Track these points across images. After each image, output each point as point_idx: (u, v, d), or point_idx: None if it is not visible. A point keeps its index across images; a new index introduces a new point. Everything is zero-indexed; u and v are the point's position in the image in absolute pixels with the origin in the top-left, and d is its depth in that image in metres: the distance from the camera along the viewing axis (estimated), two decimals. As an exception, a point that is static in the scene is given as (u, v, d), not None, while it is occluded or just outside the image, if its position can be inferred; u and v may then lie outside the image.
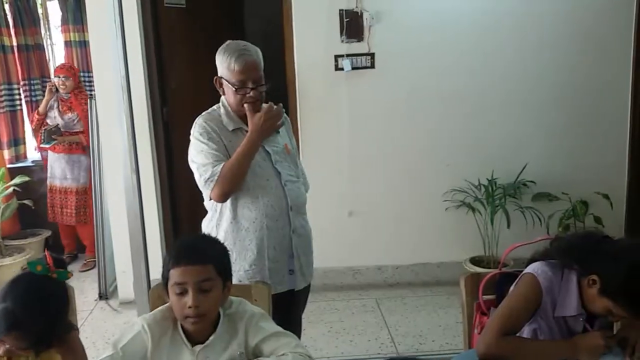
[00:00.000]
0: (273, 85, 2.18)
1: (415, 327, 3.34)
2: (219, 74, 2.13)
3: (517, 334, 1.60)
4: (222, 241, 2.13)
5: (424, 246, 3.87)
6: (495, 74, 3.71)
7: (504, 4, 3.63)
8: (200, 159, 2.09)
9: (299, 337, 2.28)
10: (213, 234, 2.18)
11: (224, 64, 2.09)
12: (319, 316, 3.50)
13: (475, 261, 3.72)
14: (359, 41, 3.63)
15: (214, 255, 1.56)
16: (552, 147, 3.79)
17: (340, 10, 3.59)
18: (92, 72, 3.95)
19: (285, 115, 2.35)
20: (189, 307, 1.46)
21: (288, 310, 2.23)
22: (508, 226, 3.56)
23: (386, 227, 3.84)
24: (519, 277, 1.66)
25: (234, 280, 2.07)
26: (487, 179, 3.70)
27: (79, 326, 1.82)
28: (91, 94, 4.21)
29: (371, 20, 3.59)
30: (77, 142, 4.33)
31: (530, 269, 1.63)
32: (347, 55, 3.63)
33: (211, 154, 2.08)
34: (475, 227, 3.72)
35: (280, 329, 1.58)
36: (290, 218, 2.18)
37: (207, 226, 2.22)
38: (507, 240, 2.97)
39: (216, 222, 2.18)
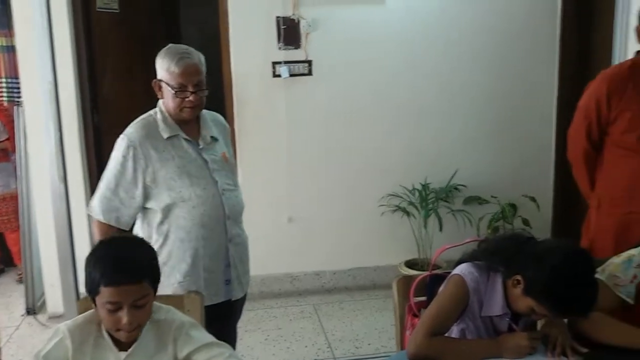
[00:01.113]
0: (210, 92, 2.16)
1: (351, 332, 3.38)
2: (159, 77, 2.08)
3: (446, 334, 1.65)
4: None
5: (361, 251, 3.93)
6: (427, 82, 3.82)
7: (435, 13, 3.74)
8: (111, 182, 2.07)
9: (234, 346, 2.26)
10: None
11: (164, 67, 2.05)
12: (256, 324, 3.49)
13: (410, 264, 3.81)
14: (296, 48, 3.66)
15: (147, 268, 1.49)
16: (482, 152, 3.93)
17: (277, 17, 3.61)
18: (19, 78, 3.80)
19: (224, 122, 2.34)
20: (124, 323, 1.42)
21: (224, 320, 2.21)
22: (440, 229, 3.67)
23: (325, 232, 3.88)
24: (447, 278, 1.71)
25: (168, 292, 2.05)
26: (421, 184, 3.80)
27: (3, 343, 1.75)
28: (18, 101, 4.04)
29: (308, 27, 3.63)
30: (2, 149, 4.15)
31: (458, 270, 1.69)
32: (285, 62, 3.65)
33: (120, 187, 2.06)
34: (410, 230, 3.82)
35: (213, 338, 1.56)
36: (227, 227, 2.16)
37: (139, 237, 2.18)
38: (440, 243, 3.04)
39: (147, 233, 2.13)
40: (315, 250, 3.89)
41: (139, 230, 2.18)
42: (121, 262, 1.45)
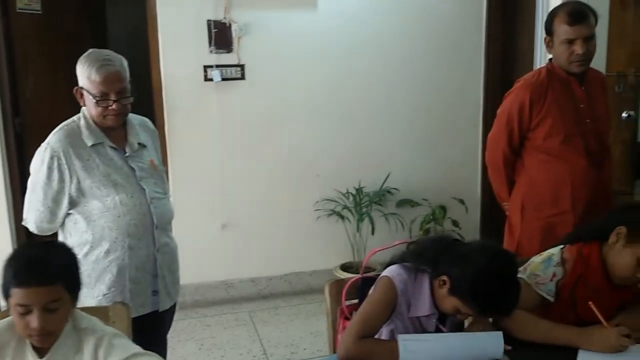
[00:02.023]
0: (139, 96, 2.09)
1: (287, 337, 3.37)
2: (80, 85, 2.01)
3: (376, 335, 1.67)
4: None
5: (296, 256, 3.92)
6: (359, 87, 3.86)
7: (367, 19, 3.79)
8: (40, 194, 2.01)
9: (165, 357, 2.20)
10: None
11: (85, 74, 1.97)
12: (189, 334, 3.42)
13: (345, 267, 3.84)
14: (228, 52, 3.62)
15: (62, 271, 1.43)
16: (413, 156, 4.02)
17: (208, 20, 3.56)
18: None
19: (152, 127, 2.28)
20: (33, 327, 1.36)
21: (153, 331, 2.15)
22: (373, 232, 3.72)
23: (260, 238, 3.84)
24: (377, 280, 1.72)
25: (93, 304, 1.98)
26: (355, 188, 3.84)
27: None
28: None
29: (240, 31, 3.59)
30: None
31: (387, 272, 1.71)
32: (217, 66, 3.60)
33: (48, 199, 2.01)
34: (345, 234, 3.85)
35: (139, 348, 1.51)
36: (155, 237, 2.11)
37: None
38: (374, 246, 3.06)
39: (72, 243, 2.04)
40: (251, 256, 3.85)
41: (63, 241, 2.09)
42: (33, 263, 1.40)
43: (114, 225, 2.02)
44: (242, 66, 3.64)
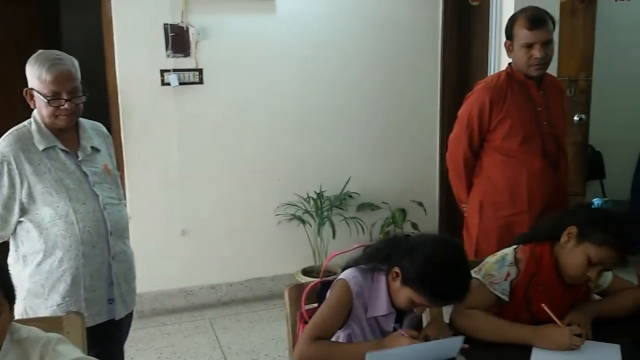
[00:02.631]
0: (94, 101, 2.05)
1: (249, 343, 3.34)
2: (30, 86, 1.96)
3: (334, 340, 1.67)
4: (31, 275, 1.97)
5: (257, 261, 3.90)
6: (319, 92, 3.88)
7: (325, 24, 3.81)
8: None
9: (122, 367, 2.16)
10: (20, 268, 2.00)
11: (35, 74, 1.93)
12: (148, 343, 3.35)
13: (306, 272, 3.83)
14: (185, 56, 3.58)
15: (2, 279, 1.38)
16: (373, 160, 4.05)
17: (165, 24, 3.51)
18: None
19: (106, 132, 2.24)
20: None
21: (109, 340, 2.11)
22: (334, 236, 3.73)
23: (220, 244, 3.80)
24: (333, 283, 1.73)
25: (47, 315, 1.92)
26: (316, 192, 3.84)
27: None
28: None
29: (197, 35, 3.56)
30: None
31: (343, 275, 1.71)
32: (174, 70, 3.55)
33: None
34: (306, 238, 3.84)
35: (82, 354, 1.46)
36: (110, 244, 2.06)
37: (13, 258, 2.03)
38: (335, 250, 3.09)
39: (23, 251, 1.99)
40: (211, 262, 3.80)
41: (13, 250, 2.03)
42: None
43: (67, 233, 1.97)
44: (200, 70, 3.61)
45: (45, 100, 1.93)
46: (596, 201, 1.94)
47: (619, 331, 1.76)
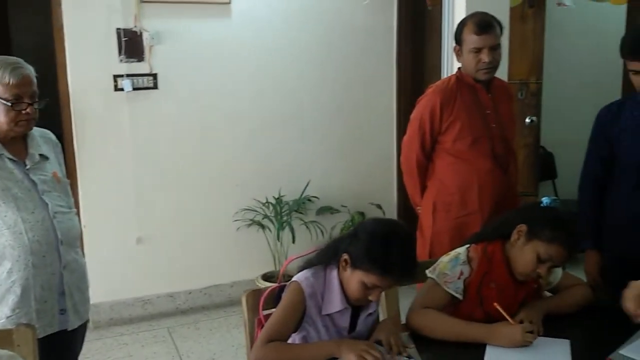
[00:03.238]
0: (44, 107, 2.01)
1: (208, 351, 3.30)
2: None
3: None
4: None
5: (216, 268, 3.85)
6: (276, 96, 3.87)
7: (282, 28, 3.80)
8: None
9: (75, 379, 2.10)
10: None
11: None
12: (105, 354, 3.28)
13: (266, 277, 3.81)
14: (139, 61, 3.52)
15: None
16: (332, 164, 4.06)
17: (117, 29, 3.45)
18: None
19: (54, 139, 2.18)
20: None
21: (62, 352, 2.06)
22: (293, 241, 3.72)
23: (177, 252, 3.75)
24: (287, 286, 1.73)
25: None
26: (274, 197, 3.83)
27: None
28: None
29: (151, 40, 3.51)
30: None
31: (295, 277, 1.72)
32: (127, 76, 3.49)
33: None
34: (265, 244, 3.82)
35: None
36: (61, 253, 2.01)
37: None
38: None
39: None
40: (168, 270, 3.74)
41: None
42: None
43: (15, 243, 1.91)
44: (154, 75, 3.56)
45: (8, 105, 1.89)
46: (545, 200, 2.00)
47: (569, 326, 1.82)
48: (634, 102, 2.24)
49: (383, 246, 1.59)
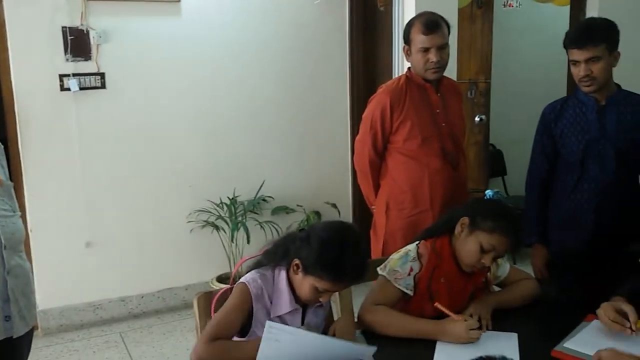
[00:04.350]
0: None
1: (161, 356, 3.25)
2: None
3: None
4: None
5: (170, 271, 3.79)
6: (229, 95, 3.83)
7: (233, 26, 3.77)
8: None
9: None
10: None
11: None
12: (54, 361, 3.19)
13: (221, 279, 3.77)
14: (86, 60, 3.43)
15: None
16: (287, 164, 4.05)
17: (63, 27, 3.35)
18: None
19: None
20: None
21: (8, 359, 1.98)
22: (248, 241, 3.70)
23: (129, 254, 3.67)
24: (234, 287, 1.71)
25: None
26: (229, 198, 3.79)
27: None
28: None
29: (99, 38, 3.43)
30: None
31: (243, 278, 1.71)
32: (74, 75, 3.40)
33: None
34: (220, 245, 3.78)
35: None
36: (5, 258, 1.93)
37: None
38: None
39: None
40: (120, 274, 3.66)
41: None
42: None
43: (-45, 248, 1.84)
44: (102, 74, 3.47)
45: None
46: (488, 192, 2.05)
47: (517, 320, 1.86)
48: (576, 100, 2.32)
49: (335, 253, 1.58)
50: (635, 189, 2.33)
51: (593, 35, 2.15)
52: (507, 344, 1.71)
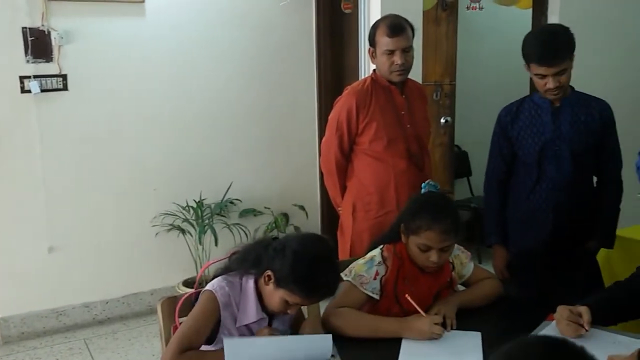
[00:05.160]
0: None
1: (127, 362, 3.20)
2: None
3: None
4: None
5: (135, 276, 3.73)
6: (197, 97, 3.79)
7: (198, 29, 3.73)
8: None
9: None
10: None
11: None
12: (15, 370, 3.11)
13: (188, 283, 3.73)
14: (47, 61, 3.36)
15: None
16: (254, 166, 4.03)
17: (23, 28, 3.27)
18: None
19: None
20: None
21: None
22: (216, 244, 3.67)
23: (93, 260, 3.60)
24: (201, 293, 1.69)
25: None
26: (195, 201, 3.75)
27: None
28: None
29: (60, 39, 3.35)
30: None
31: (209, 285, 1.68)
32: (35, 77, 3.32)
33: None
34: (186, 249, 3.74)
35: None
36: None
37: None
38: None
39: None
40: (83, 280, 3.59)
41: None
42: None
43: None
44: (64, 76, 3.40)
45: None
46: (423, 185, 2.06)
47: (480, 319, 1.89)
48: (531, 102, 2.35)
49: (309, 270, 1.58)
50: (591, 189, 2.39)
51: (560, 52, 2.14)
52: (470, 343, 1.73)
